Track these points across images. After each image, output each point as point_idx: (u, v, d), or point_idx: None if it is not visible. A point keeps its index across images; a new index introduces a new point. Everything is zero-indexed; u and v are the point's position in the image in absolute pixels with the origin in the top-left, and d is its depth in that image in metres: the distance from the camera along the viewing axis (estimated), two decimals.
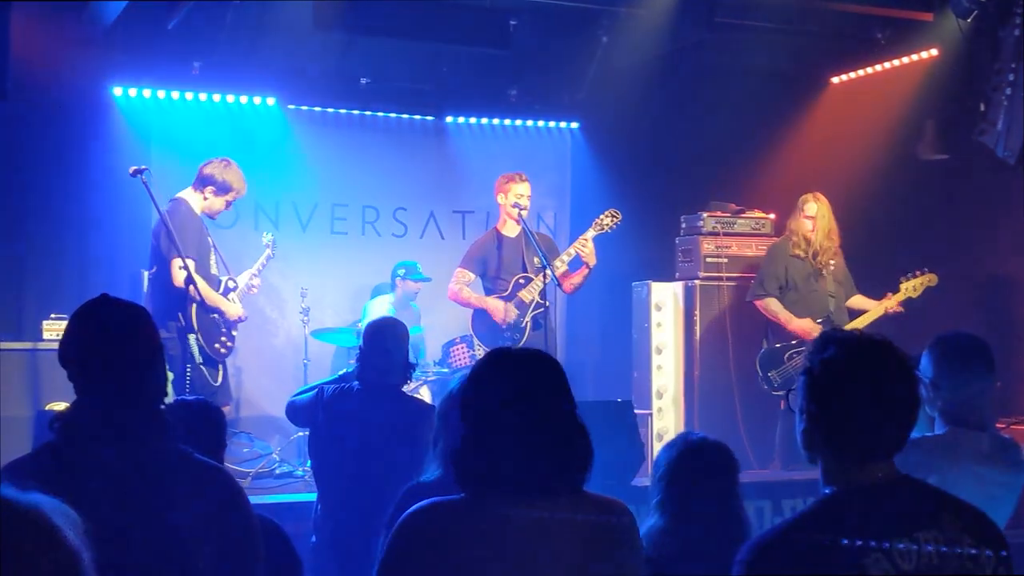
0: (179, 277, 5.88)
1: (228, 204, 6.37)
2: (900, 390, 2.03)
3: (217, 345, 6.17)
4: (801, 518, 2.03)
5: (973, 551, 1.97)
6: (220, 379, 6.24)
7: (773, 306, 7.05)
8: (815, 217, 6.95)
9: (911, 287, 6.76)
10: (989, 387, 3.31)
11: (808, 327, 6.89)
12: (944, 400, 3.28)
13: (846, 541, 1.93)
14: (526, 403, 2.22)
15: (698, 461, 2.97)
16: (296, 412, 4.77)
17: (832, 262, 6.99)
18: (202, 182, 6.28)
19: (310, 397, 4.66)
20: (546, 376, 2.28)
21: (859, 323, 6.74)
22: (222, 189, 6.27)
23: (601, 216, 6.73)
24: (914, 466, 2.97)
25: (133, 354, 2.34)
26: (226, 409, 5.80)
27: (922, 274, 6.78)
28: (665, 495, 2.96)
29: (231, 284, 6.42)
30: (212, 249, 6.33)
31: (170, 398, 4.49)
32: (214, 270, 6.35)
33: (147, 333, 2.39)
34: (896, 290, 6.80)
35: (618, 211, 6.75)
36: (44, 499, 1.20)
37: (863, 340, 2.06)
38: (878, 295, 6.93)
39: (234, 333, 6.34)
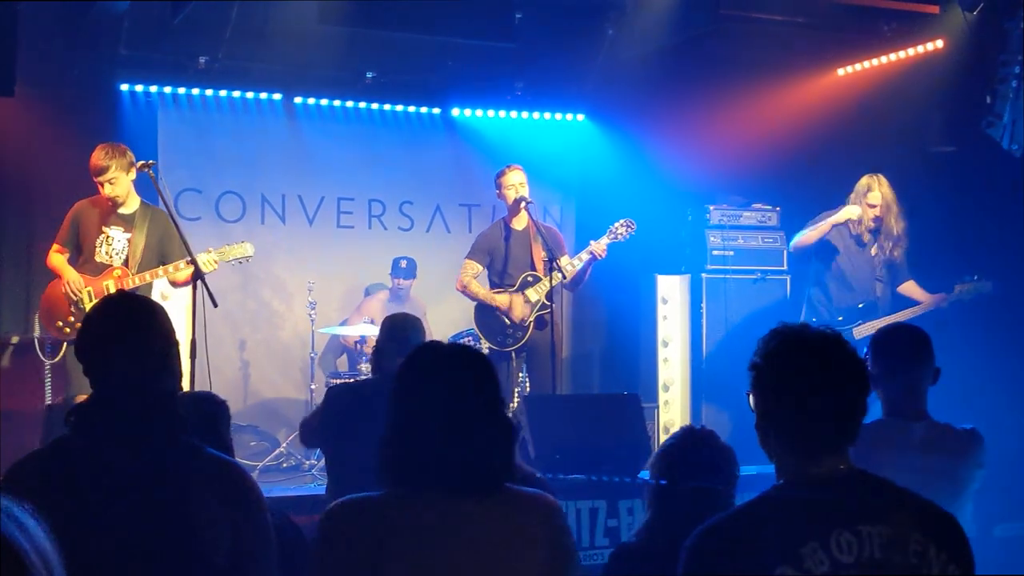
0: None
1: (101, 185, 6.08)
2: (846, 382, 2.01)
3: (59, 323, 5.96)
4: (744, 506, 2.02)
5: (920, 548, 1.93)
6: (59, 358, 6.00)
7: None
8: (879, 205, 6.86)
9: (964, 290, 6.71)
10: (924, 377, 3.39)
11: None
12: (881, 390, 3.39)
13: (784, 530, 1.91)
14: (449, 399, 2.19)
15: (700, 456, 2.93)
16: (308, 426, 4.78)
17: (889, 244, 6.89)
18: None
19: (319, 407, 4.70)
20: (472, 372, 2.25)
21: (903, 315, 6.60)
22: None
23: (616, 224, 6.70)
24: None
25: (147, 349, 2.36)
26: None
27: (976, 281, 6.73)
28: (663, 490, 2.92)
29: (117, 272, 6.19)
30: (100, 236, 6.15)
31: None
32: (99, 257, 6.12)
33: (162, 329, 2.41)
34: (950, 291, 6.73)
35: (633, 221, 6.71)
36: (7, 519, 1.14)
37: (806, 333, 2.04)
38: None
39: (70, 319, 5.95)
